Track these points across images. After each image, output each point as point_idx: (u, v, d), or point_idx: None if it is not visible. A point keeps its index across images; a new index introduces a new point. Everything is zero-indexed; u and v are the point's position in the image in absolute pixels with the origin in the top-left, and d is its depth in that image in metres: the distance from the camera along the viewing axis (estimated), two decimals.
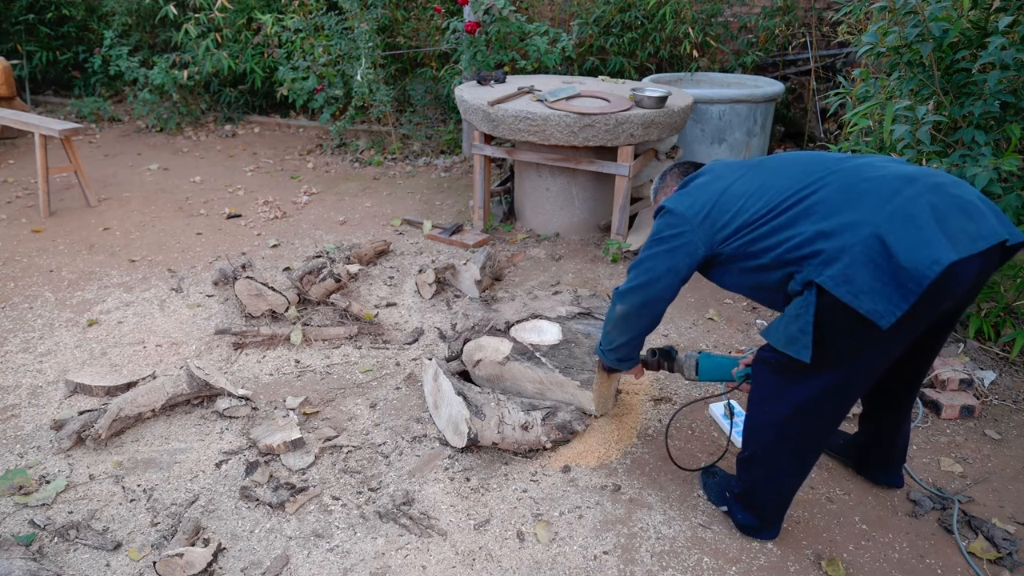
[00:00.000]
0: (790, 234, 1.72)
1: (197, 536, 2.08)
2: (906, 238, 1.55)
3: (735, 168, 1.98)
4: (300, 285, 3.31)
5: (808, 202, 1.73)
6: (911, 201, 1.60)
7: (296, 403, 2.71)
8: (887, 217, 1.59)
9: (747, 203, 1.84)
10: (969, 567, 2.02)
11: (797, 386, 1.82)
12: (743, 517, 2.10)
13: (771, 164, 1.91)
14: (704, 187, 1.97)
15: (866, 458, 2.32)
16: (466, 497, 2.25)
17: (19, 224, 4.52)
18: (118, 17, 7.04)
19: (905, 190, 1.62)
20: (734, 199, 1.87)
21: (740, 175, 1.93)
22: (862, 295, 1.58)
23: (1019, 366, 2.97)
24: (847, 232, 1.62)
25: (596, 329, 2.51)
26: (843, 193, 1.68)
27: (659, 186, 2.28)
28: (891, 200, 1.61)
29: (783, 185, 1.80)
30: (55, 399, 2.75)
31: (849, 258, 1.60)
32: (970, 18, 2.79)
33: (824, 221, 1.67)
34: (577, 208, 4.25)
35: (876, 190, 1.64)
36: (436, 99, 6.46)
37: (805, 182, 1.77)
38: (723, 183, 1.93)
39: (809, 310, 1.67)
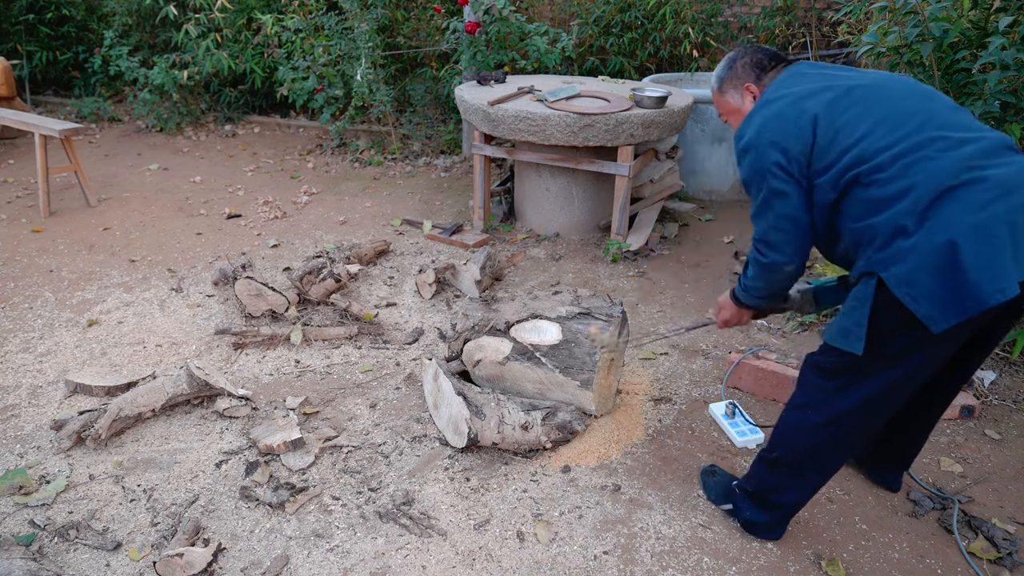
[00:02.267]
0: (876, 220, 1.66)
1: (197, 536, 2.08)
2: (981, 257, 1.54)
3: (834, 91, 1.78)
4: (300, 285, 3.31)
5: (906, 182, 1.63)
6: (997, 218, 1.55)
7: (296, 403, 2.71)
8: (970, 229, 1.55)
9: (851, 154, 1.70)
10: (969, 567, 2.02)
11: (842, 394, 1.81)
12: (752, 514, 2.08)
13: (879, 105, 1.73)
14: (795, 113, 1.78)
15: (874, 454, 2.28)
16: (466, 497, 2.25)
17: (19, 224, 4.52)
18: (118, 17, 7.04)
19: (997, 203, 1.56)
20: (838, 141, 1.72)
21: (849, 103, 1.75)
22: (921, 299, 1.58)
23: (1019, 366, 2.97)
24: (926, 233, 1.58)
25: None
26: (937, 183, 1.60)
27: (727, 75, 2.07)
28: (978, 211, 1.56)
29: (889, 147, 1.67)
30: (55, 399, 2.75)
31: (918, 261, 1.58)
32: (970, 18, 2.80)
33: (909, 217, 1.61)
34: (577, 208, 4.25)
35: (968, 196, 1.58)
36: (436, 99, 6.46)
37: (911, 142, 1.66)
38: (822, 111, 1.75)
39: (866, 303, 1.67)
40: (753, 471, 2.08)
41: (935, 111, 1.72)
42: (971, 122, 1.72)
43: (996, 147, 1.65)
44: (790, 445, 1.94)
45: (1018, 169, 1.61)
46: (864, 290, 1.68)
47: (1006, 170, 1.60)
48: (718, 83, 2.10)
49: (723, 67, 2.08)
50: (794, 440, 1.93)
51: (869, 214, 1.67)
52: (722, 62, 2.11)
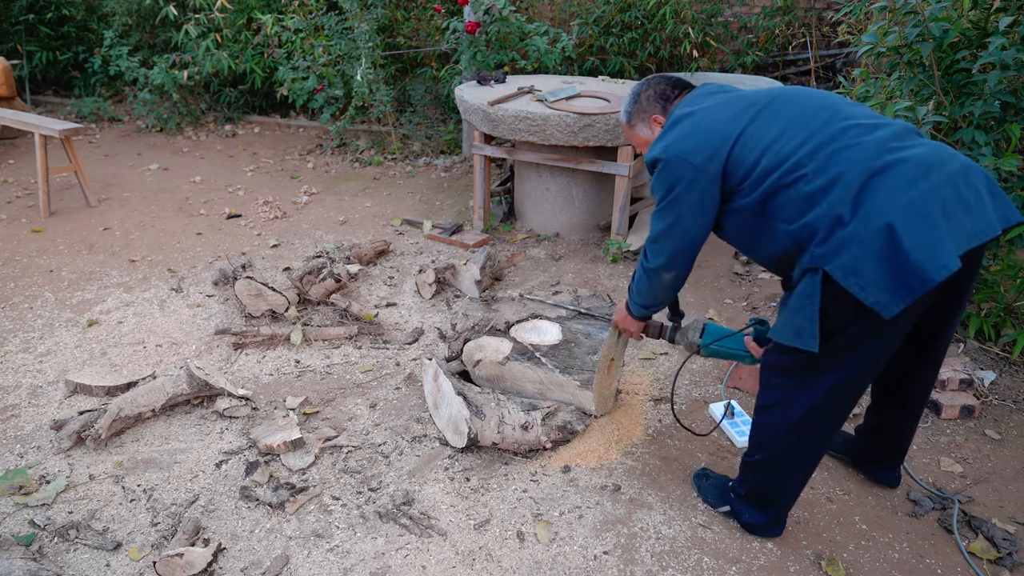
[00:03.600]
0: (812, 216, 1.68)
1: (197, 536, 2.08)
2: (917, 236, 1.56)
3: (739, 104, 1.83)
4: (300, 285, 3.31)
5: (832, 172, 1.66)
6: (925, 196, 1.58)
7: (296, 403, 2.71)
8: (902, 209, 1.58)
9: (768, 157, 1.74)
10: (969, 567, 2.02)
11: (805, 390, 1.83)
12: (750, 516, 2.10)
13: (784, 110, 1.78)
14: (706, 127, 1.83)
15: (866, 450, 2.30)
16: (466, 497, 2.25)
17: (19, 224, 4.52)
18: (118, 17, 7.04)
19: (921, 182, 1.60)
20: (750, 148, 1.76)
21: (751, 116, 1.80)
22: (868, 287, 1.60)
23: (1019, 366, 2.97)
24: (862, 219, 1.60)
25: (596, 329, 2.51)
26: (864, 167, 1.63)
27: (633, 109, 2.11)
28: (907, 191, 1.59)
29: (803, 144, 1.71)
30: (55, 399, 2.75)
31: (859, 249, 1.60)
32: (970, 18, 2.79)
33: (843, 205, 1.63)
34: (577, 208, 4.25)
35: (894, 179, 1.61)
36: (436, 99, 6.46)
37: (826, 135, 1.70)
38: (731, 125, 1.80)
39: (815, 299, 1.68)
40: (742, 475, 2.10)
41: (837, 106, 1.77)
42: (873, 112, 1.78)
43: (904, 132, 1.71)
44: (768, 447, 1.97)
45: (930, 149, 1.66)
46: (810, 286, 1.69)
47: (921, 150, 1.65)
48: (626, 117, 2.15)
49: (629, 101, 2.16)
50: (770, 442, 1.96)
51: (802, 212, 1.69)
52: (627, 96, 2.16)
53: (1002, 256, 2.99)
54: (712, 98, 1.93)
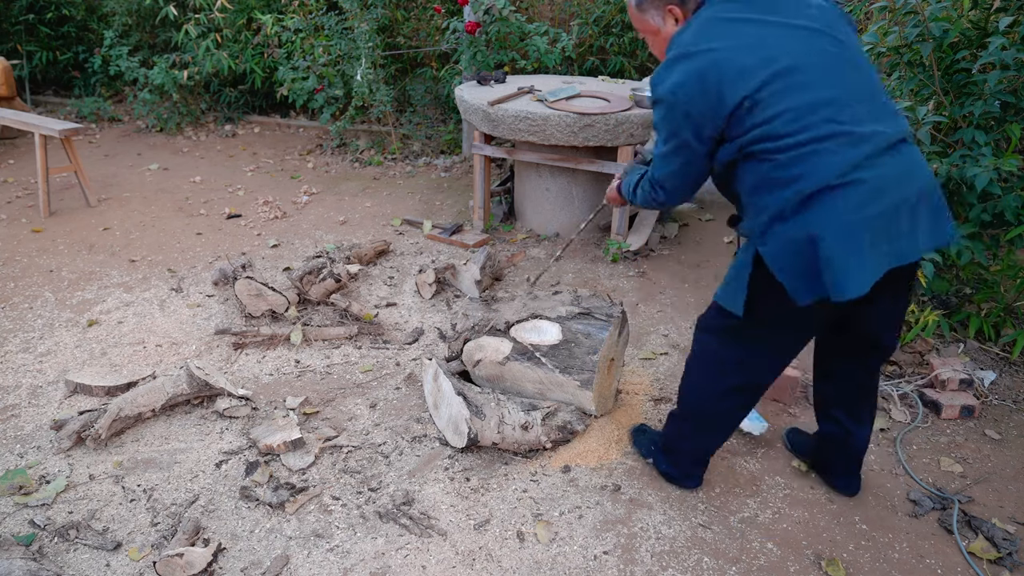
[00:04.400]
0: (765, 198, 1.75)
1: (197, 536, 2.08)
2: (839, 256, 1.67)
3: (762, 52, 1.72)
4: (300, 285, 3.31)
5: (796, 171, 1.70)
6: (861, 222, 1.67)
7: (296, 403, 2.71)
8: (835, 229, 1.67)
9: (762, 129, 1.72)
10: (969, 567, 2.02)
11: (729, 350, 1.99)
12: (665, 466, 2.30)
13: (800, 87, 1.70)
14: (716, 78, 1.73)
15: (823, 456, 2.32)
16: (466, 497, 2.25)
17: (19, 224, 4.52)
18: (118, 17, 7.04)
19: (865, 208, 1.67)
20: (755, 115, 1.72)
21: (767, 78, 1.70)
22: (783, 272, 1.73)
23: (1019, 366, 2.97)
24: (798, 224, 1.70)
25: (596, 329, 2.51)
26: (822, 180, 1.68)
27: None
28: (846, 215, 1.67)
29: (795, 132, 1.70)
30: (55, 399, 2.75)
31: (785, 245, 1.72)
32: (970, 18, 2.79)
33: (789, 204, 1.70)
34: (577, 208, 4.24)
35: (843, 199, 1.67)
36: (436, 99, 6.46)
37: (815, 134, 1.69)
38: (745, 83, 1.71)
39: (746, 270, 1.81)
40: (665, 426, 2.29)
41: (850, 100, 1.72)
42: (882, 110, 1.76)
43: (890, 144, 1.72)
44: (690, 403, 2.16)
45: (895, 171, 1.71)
46: (745, 257, 1.83)
47: (885, 171, 1.69)
48: (636, 0, 1.97)
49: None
50: (693, 397, 2.14)
51: (758, 190, 1.77)
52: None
53: (1002, 256, 2.99)
54: (734, 34, 1.76)
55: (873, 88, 1.78)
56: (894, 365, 2.97)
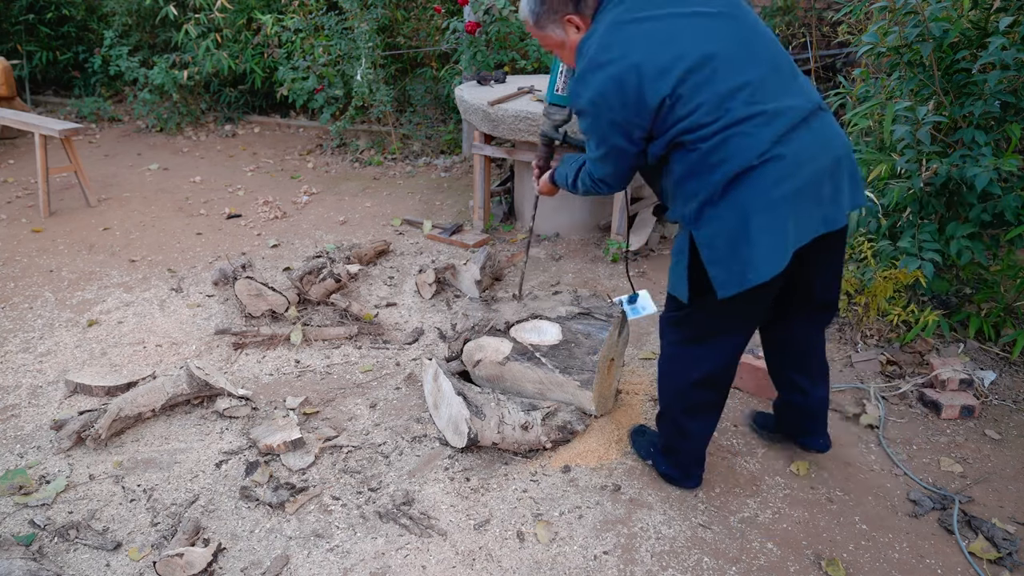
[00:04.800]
0: (693, 184, 1.81)
1: (197, 536, 2.08)
2: (764, 234, 1.75)
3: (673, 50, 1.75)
4: (300, 285, 3.31)
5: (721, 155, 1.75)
6: (783, 197, 1.75)
7: (296, 403, 2.71)
8: (760, 207, 1.75)
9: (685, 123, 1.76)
10: (969, 567, 2.02)
11: (690, 344, 2.05)
12: (665, 468, 2.30)
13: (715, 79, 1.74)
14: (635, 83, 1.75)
15: (789, 422, 2.40)
16: (466, 497, 2.25)
17: (19, 224, 4.52)
18: (118, 17, 7.04)
19: (785, 182, 1.74)
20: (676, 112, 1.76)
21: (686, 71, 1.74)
22: (714, 263, 1.81)
23: (1019, 366, 2.97)
24: (728, 205, 1.77)
25: (596, 329, 2.51)
26: (745, 161, 1.74)
27: (540, 9, 1.93)
28: (769, 191, 1.74)
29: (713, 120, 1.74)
30: (55, 399, 2.75)
31: (719, 227, 1.79)
32: (970, 18, 2.79)
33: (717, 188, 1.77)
34: (577, 208, 4.24)
35: (764, 176, 1.74)
36: (436, 99, 6.46)
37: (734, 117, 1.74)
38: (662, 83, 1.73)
39: (684, 256, 1.89)
40: (657, 428, 2.31)
41: (762, 79, 1.77)
42: (792, 83, 1.82)
43: (805, 115, 1.79)
44: (665, 397, 2.20)
45: (811, 141, 1.78)
46: (682, 243, 1.90)
47: (803, 144, 1.76)
48: (533, 18, 1.96)
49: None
50: (666, 393, 2.19)
51: (687, 177, 1.82)
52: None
53: (1002, 256, 2.99)
54: (641, 36, 1.78)
55: (781, 63, 1.83)
56: (894, 365, 2.97)
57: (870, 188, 2.99)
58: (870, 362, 2.97)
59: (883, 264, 2.96)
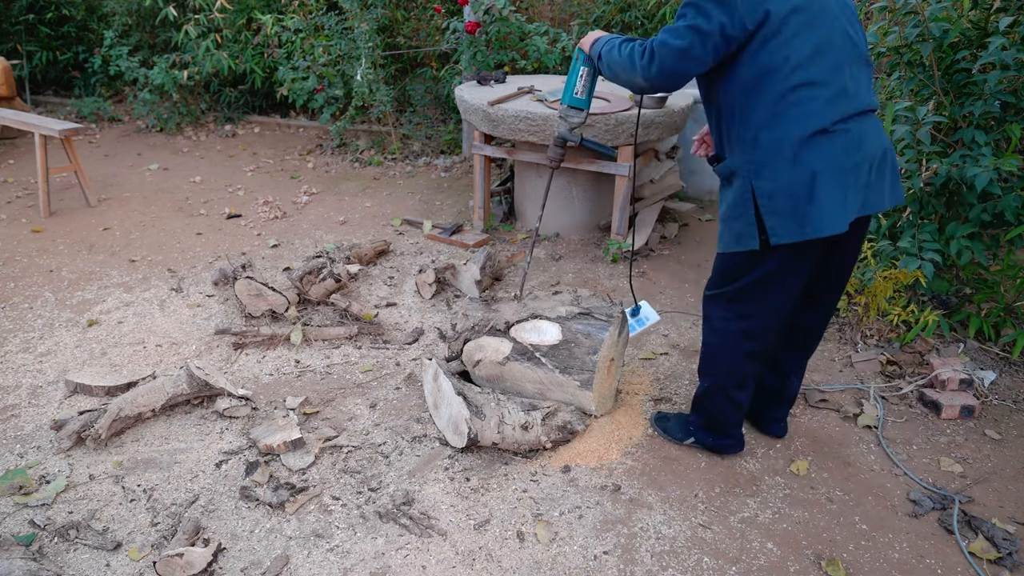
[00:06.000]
0: (774, 134, 1.90)
1: (197, 536, 2.08)
2: (829, 194, 1.89)
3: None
4: (300, 285, 3.31)
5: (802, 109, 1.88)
6: (848, 165, 1.91)
7: (296, 403, 2.71)
8: (830, 168, 1.88)
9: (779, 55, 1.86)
10: (969, 567, 2.02)
11: (737, 319, 2.16)
12: (714, 441, 2.41)
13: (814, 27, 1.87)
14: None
15: (759, 406, 2.50)
16: (466, 497, 2.25)
17: (19, 224, 4.52)
18: (118, 17, 7.04)
19: (852, 154, 1.91)
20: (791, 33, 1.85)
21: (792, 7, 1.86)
22: (772, 214, 1.92)
23: (1019, 366, 2.97)
24: (798, 164, 1.89)
25: (596, 329, 2.51)
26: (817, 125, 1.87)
27: None
28: (839, 157, 1.89)
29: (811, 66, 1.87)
30: (55, 399, 2.75)
31: (782, 183, 1.91)
32: (970, 18, 2.79)
33: (791, 145, 1.88)
34: (577, 208, 4.24)
35: (834, 142, 1.89)
36: (436, 99, 6.46)
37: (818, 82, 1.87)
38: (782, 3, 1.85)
39: (749, 206, 1.96)
40: (695, 407, 2.42)
41: (848, 58, 1.92)
42: (868, 79, 2.00)
43: (867, 109, 1.97)
44: (712, 374, 2.29)
45: (866, 127, 1.95)
46: (743, 195, 1.98)
47: (862, 127, 1.93)
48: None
49: None
50: (713, 369, 2.28)
51: (764, 126, 1.91)
52: None
53: (1002, 256, 2.99)
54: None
55: (867, 57, 2.00)
56: (894, 365, 2.97)
57: None
58: (870, 362, 2.97)
59: (883, 264, 2.96)
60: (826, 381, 2.89)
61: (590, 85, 2.41)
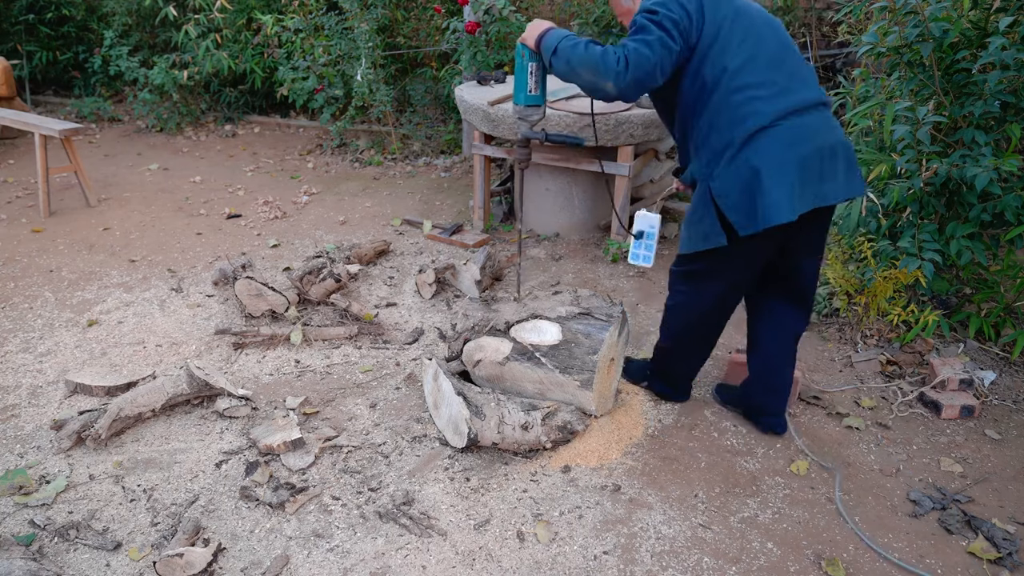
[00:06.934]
0: (721, 137, 2.06)
1: (197, 536, 2.08)
2: (775, 187, 2.00)
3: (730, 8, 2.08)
4: (300, 285, 3.31)
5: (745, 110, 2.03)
6: (793, 159, 2.01)
7: (296, 403, 2.71)
8: (774, 163, 2.00)
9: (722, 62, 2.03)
10: (969, 567, 2.02)
11: (698, 295, 2.36)
12: (660, 387, 2.71)
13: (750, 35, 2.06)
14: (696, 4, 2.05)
15: (753, 400, 2.57)
16: (466, 497, 2.25)
17: (19, 224, 4.52)
18: (118, 17, 7.04)
19: (797, 146, 2.01)
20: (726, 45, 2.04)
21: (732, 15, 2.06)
22: (731, 210, 2.06)
23: (1019, 366, 2.97)
24: (741, 159, 2.03)
25: (596, 329, 2.51)
26: (758, 123, 2.01)
27: None
28: (782, 151, 2.01)
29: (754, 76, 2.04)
30: (55, 399, 2.75)
31: (732, 179, 2.05)
32: (970, 18, 2.79)
33: (732, 146, 2.03)
34: (577, 208, 4.24)
35: (778, 137, 2.01)
36: (436, 99, 6.46)
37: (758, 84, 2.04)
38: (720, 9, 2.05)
39: (711, 207, 2.11)
40: (654, 356, 2.68)
41: (782, 58, 2.08)
42: (806, 75, 2.11)
43: (814, 103, 2.08)
44: (673, 337, 2.54)
45: (816, 120, 2.07)
46: (704, 198, 2.13)
47: (809, 120, 2.05)
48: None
49: None
50: (674, 332, 2.52)
51: (711, 131, 2.07)
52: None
53: (1002, 256, 2.99)
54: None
55: (796, 52, 2.13)
56: (894, 365, 2.97)
57: (870, 188, 2.99)
58: (870, 362, 2.97)
59: (883, 264, 2.96)
60: (826, 381, 2.89)
61: (541, 80, 2.43)
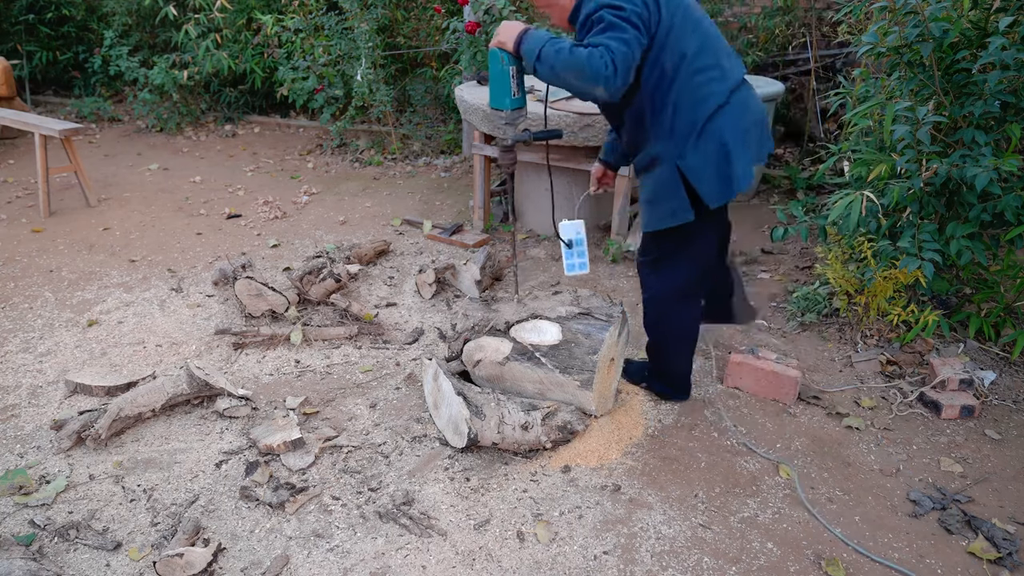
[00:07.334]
0: (686, 119, 2.19)
1: (197, 536, 2.08)
2: (739, 158, 2.21)
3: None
4: (300, 285, 3.31)
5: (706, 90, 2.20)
6: (746, 129, 2.25)
7: (296, 403, 2.71)
8: (733, 136, 2.21)
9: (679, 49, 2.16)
10: (969, 567, 2.02)
11: (669, 279, 2.45)
12: (659, 387, 2.74)
13: (699, 26, 2.21)
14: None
15: (717, 309, 2.81)
16: (466, 497, 2.25)
17: (19, 224, 4.52)
18: (118, 17, 7.04)
19: (743, 119, 2.24)
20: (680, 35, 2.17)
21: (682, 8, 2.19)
22: (702, 182, 2.22)
23: (1019, 366, 2.97)
24: (707, 137, 2.19)
25: (596, 329, 2.51)
26: (717, 102, 2.20)
27: None
28: (736, 124, 2.22)
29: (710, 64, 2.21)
30: (55, 399, 2.75)
31: (703, 157, 2.21)
32: (970, 18, 2.79)
33: (696, 127, 2.19)
34: (577, 208, 4.24)
35: (730, 113, 2.21)
36: (436, 99, 6.46)
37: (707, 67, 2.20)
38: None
39: (679, 184, 2.24)
40: (648, 356, 2.72)
41: (717, 42, 2.26)
42: (733, 55, 2.31)
43: (742, 78, 2.31)
44: (654, 331, 2.60)
45: (748, 96, 2.30)
46: (671, 176, 2.25)
47: (743, 96, 2.28)
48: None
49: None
50: (655, 326, 2.58)
51: (676, 113, 2.19)
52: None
53: (1002, 256, 2.99)
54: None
55: (720, 35, 2.29)
56: (894, 365, 2.97)
57: (870, 188, 2.99)
58: (870, 362, 2.97)
59: (883, 264, 2.95)
60: (826, 381, 2.89)
61: (521, 82, 2.42)
